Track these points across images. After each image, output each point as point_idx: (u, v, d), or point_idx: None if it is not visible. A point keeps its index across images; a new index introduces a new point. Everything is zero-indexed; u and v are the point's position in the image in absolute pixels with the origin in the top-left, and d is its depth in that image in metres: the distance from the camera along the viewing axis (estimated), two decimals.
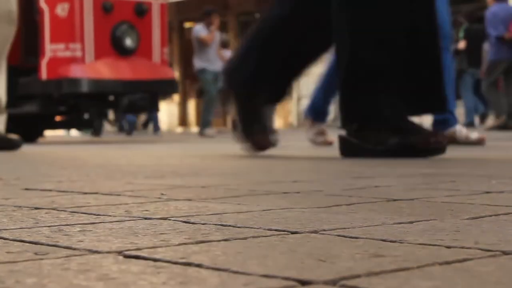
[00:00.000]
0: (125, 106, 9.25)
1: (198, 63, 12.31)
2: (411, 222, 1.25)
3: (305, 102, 10.71)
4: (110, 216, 1.39)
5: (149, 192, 1.87)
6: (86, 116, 10.41)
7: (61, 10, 9.11)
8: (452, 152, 3.97)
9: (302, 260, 0.91)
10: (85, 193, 1.86)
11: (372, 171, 2.56)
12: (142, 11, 9.54)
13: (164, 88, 9.77)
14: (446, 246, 1.00)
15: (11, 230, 1.21)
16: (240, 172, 2.64)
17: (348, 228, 1.19)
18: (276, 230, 1.18)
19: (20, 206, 1.58)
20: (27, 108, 9.30)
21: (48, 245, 1.05)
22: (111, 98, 9.48)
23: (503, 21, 9.86)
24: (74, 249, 1.02)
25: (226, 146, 6.12)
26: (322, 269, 0.85)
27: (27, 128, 9.96)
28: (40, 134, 10.66)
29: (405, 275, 0.81)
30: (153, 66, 9.62)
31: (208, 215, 1.38)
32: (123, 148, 6.89)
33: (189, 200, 1.67)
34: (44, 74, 9.07)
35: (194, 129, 19.41)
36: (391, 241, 1.05)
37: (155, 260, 0.92)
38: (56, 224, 1.27)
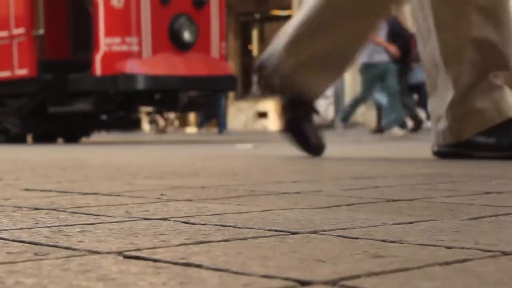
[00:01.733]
0: (185, 104, 8.64)
1: None
2: (411, 223, 1.25)
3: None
4: (110, 216, 1.39)
5: (149, 193, 1.87)
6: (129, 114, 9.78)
7: (117, 1, 8.45)
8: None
9: (302, 261, 0.91)
10: (85, 194, 1.86)
11: (372, 172, 2.56)
12: (200, 3, 8.86)
13: (224, 85, 9.15)
14: (446, 246, 1.00)
15: (11, 231, 1.21)
16: (240, 172, 2.64)
17: (348, 228, 1.19)
18: (276, 230, 1.18)
19: (20, 207, 1.58)
20: (79, 106, 8.76)
21: (48, 245, 1.05)
22: (157, 96, 8.81)
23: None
24: (74, 249, 1.01)
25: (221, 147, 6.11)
26: (322, 269, 0.85)
27: (72, 128, 9.60)
28: (85, 134, 10.12)
29: (405, 276, 0.81)
30: (212, 61, 8.93)
31: (208, 215, 1.38)
32: (124, 148, 6.88)
33: (189, 200, 1.67)
34: (98, 70, 8.43)
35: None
36: (391, 242, 1.05)
37: (155, 260, 0.92)
38: (56, 225, 1.27)
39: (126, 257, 0.95)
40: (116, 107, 8.92)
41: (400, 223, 1.25)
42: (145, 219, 1.35)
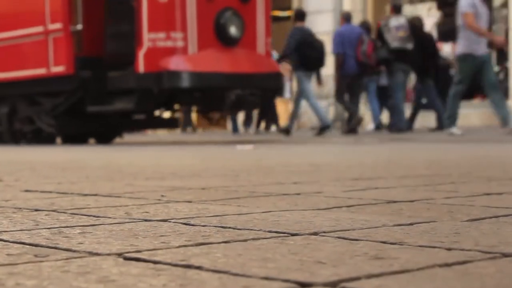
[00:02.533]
0: (232, 102, 7.99)
1: None
2: (411, 224, 1.25)
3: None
4: (110, 218, 1.39)
5: (149, 194, 1.86)
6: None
7: None
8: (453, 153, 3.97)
9: (302, 262, 0.91)
10: (85, 195, 1.86)
11: (372, 173, 2.56)
12: None
13: (271, 83, 8.57)
14: (446, 248, 1.00)
15: (11, 232, 1.21)
16: (240, 173, 2.64)
17: (348, 230, 1.19)
18: (276, 232, 1.18)
19: (20, 208, 1.58)
20: (120, 105, 8.16)
21: (48, 247, 1.05)
22: (197, 94, 8.13)
23: (349, 41, 10.39)
24: (74, 251, 1.01)
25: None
26: (323, 271, 0.85)
27: (107, 128, 9.05)
28: (118, 134, 9.51)
29: (406, 278, 0.81)
30: (258, 57, 8.43)
31: (208, 217, 1.38)
32: (123, 150, 6.88)
33: (189, 202, 1.67)
34: (141, 67, 7.84)
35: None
36: (391, 243, 1.05)
37: (155, 262, 0.92)
38: (56, 226, 1.27)
39: (126, 258, 0.95)
40: (158, 106, 8.39)
41: (400, 224, 1.25)
42: (145, 220, 1.35)
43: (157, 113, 9.26)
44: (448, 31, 12.52)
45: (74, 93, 8.43)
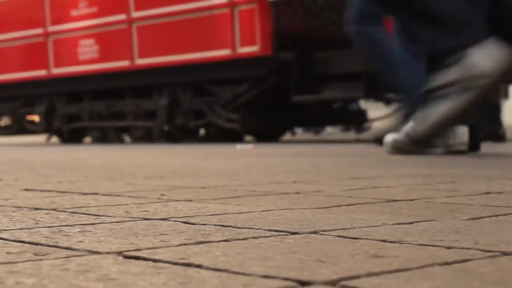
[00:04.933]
0: None
1: None
2: (411, 223, 1.25)
3: None
4: (110, 216, 1.39)
5: (149, 193, 1.87)
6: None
7: None
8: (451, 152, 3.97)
9: (302, 261, 0.91)
10: (85, 194, 1.86)
11: (372, 172, 2.57)
12: None
13: None
14: (446, 246, 1.00)
15: (11, 231, 1.21)
16: (240, 172, 2.64)
17: (348, 228, 1.19)
18: (276, 230, 1.18)
19: (20, 207, 1.58)
20: (345, 93, 6.49)
21: (48, 245, 1.05)
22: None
23: None
24: (74, 249, 1.02)
25: None
26: (322, 269, 0.85)
27: (268, 123, 7.46)
28: (283, 132, 8.03)
29: (405, 276, 0.81)
30: None
31: (208, 215, 1.39)
32: (123, 149, 6.89)
33: (189, 200, 1.67)
34: None
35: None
36: (391, 242, 1.05)
37: (155, 260, 0.92)
38: (56, 225, 1.27)
39: (126, 257, 0.95)
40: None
41: (400, 223, 1.25)
42: (145, 219, 1.35)
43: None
44: None
45: (266, 80, 6.73)
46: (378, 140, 5.52)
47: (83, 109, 8.42)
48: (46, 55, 8.67)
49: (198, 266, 0.88)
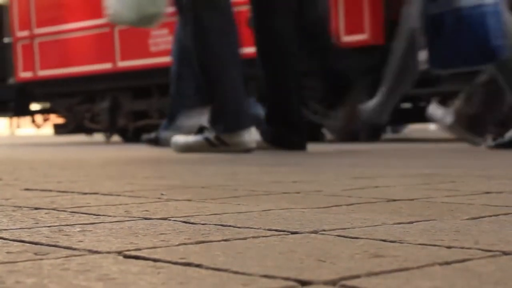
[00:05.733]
0: None
1: None
2: (411, 222, 1.25)
3: None
4: (110, 216, 1.39)
5: (149, 192, 1.87)
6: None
7: None
8: (452, 152, 3.97)
9: (302, 261, 0.91)
10: (85, 193, 1.86)
11: (372, 172, 2.57)
12: None
13: None
14: (446, 246, 1.00)
15: (11, 230, 1.21)
16: (239, 172, 2.64)
17: (348, 228, 1.19)
18: (276, 230, 1.18)
19: (20, 206, 1.58)
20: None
21: (48, 245, 1.05)
22: None
23: None
24: (74, 249, 1.02)
25: None
26: (322, 269, 0.85)
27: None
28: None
29: (405, 275, 0.81)
30: None
31: (208, 215, 1.39)
32: (123, 149, 6.88)
33: (189, 200, 1.67)
34: None
35: None
36: (391, 241, 1.05)
37: (155, 260, 0.92)
38: (56, 224, 1.27)
39: (126, 256, 0.95)
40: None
41: (400, 223, 1.25)
42: (145, 218, 1.35)
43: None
44: None
45: (370, 71, 5.78)
46: (152, 142, 5.94)
47: (152, 105, 7.94)
48: (112, 47, 8.03)
49: (198, 266, 0.88)
